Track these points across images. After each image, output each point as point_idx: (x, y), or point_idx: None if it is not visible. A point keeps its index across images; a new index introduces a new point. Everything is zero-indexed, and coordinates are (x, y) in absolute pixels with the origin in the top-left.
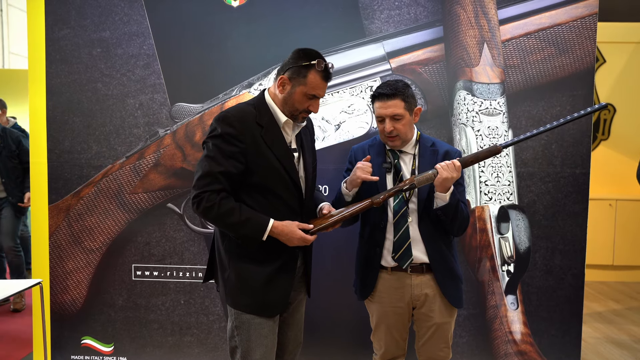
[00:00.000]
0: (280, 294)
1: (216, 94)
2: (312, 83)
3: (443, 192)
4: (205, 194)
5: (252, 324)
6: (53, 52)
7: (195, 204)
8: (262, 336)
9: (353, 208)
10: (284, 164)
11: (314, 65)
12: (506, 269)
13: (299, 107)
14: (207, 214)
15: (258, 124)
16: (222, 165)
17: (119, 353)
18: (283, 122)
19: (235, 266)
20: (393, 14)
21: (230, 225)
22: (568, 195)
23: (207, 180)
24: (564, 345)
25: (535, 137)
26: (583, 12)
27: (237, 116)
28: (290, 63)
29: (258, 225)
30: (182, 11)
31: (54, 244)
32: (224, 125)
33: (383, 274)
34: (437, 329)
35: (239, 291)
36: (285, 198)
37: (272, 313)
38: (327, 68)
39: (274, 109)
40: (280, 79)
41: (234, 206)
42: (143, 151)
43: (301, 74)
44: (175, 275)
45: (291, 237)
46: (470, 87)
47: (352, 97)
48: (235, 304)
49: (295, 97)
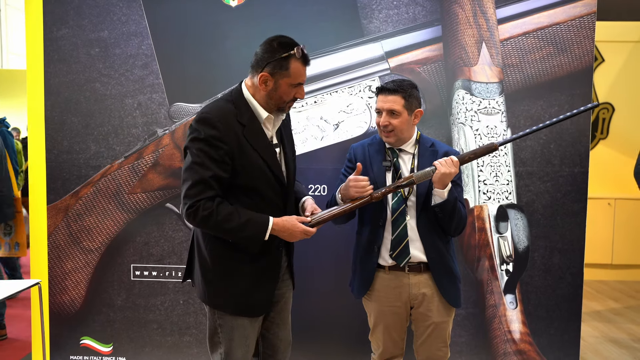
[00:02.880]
0: (264, 294)
1: (214, 93)
2: (295, 73)
3: (441, 188)
4: (200, 203)
5: (235, 325)
6: (51, 52)
7: (192, 215)
8: (244, 337)
9: (352, 203)
10: (267, 162)
11: (293, 54)
12: (505, 268)
13: (285, 99)
14: (206, 223)
15: (239, 122)
16: (211, 170)
17: (118, 353)
18: (264, 119)
19: (219, 267)
20: (391, 13)
21: (231, 230)
22: (567, 194)
23: (199, 188)
24: (563, 344)
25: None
26: (581, 11)
27: (218, 116)
28: (267, 58)
29: (259, 225)
30: (181, 11)
31: (53, 244)
32: (206, 128)
33: (381, 273)
34: (435, 328)
35: (223, 292)
36: (268, 196)
37: (257, 314)
38: (304, 52)
39: (254, 105)
40: (262, 76)
41: (232, 210)
42: (142, 151)
43: (283, 67)
44: (174, 275)
45: (293, 231)
46: (468, 86)
47: (351, 96)
48: (218, 305)
49: (281, 90)
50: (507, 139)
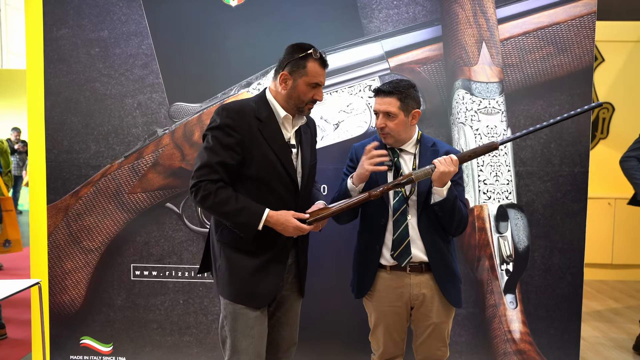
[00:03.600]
0: (268, 285)
1: (215, 93)
2: (312, 71)
3: (440, 186)
4: (203, 183)
5: (238, 314)
6: (51, 52)
7: (193, 193)
8: (248, 326)
9: (351, 200)
10: (280, 158)
11: (311, 54)
12: (505, 268)
13: (304, 99)
14: (204, 202)
15: (257, 118)
16: (219, 156)
17: (118, 353)
18: (282, 117)
19: (226, 256)
20: (391, 13)
21: (226, 213)
22: (567, 194)
23: (205, 170)
24: (563, 344)
25: (533, 136)
26: (581, 10)
27: (236, 108)
28: (287, 59)
29: (253, 214)
30: (181, 11)
31: (53, 244)
32: (222, 117)
33: (382, 273)
34: (435, 328)
35: (228, 280)
36: (279, 192)
37: (259, 304)
38: (323, 55)
39: (274, 105)
40: (282, 75)
41: (230, 195)
42: (142, 151)
43: (300, 66)
44: (174, 275)
45: (287, 226)
46: (468, 86)
47: (351, 96)
48: (223, 292)
49: (299, 89)
50: (507, 138)
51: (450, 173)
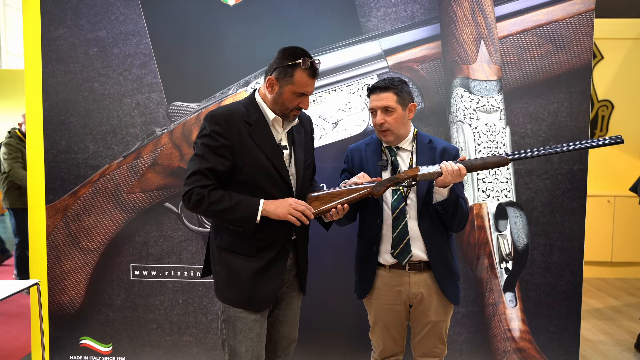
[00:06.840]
0: (267, 289)
1: (213, 92)
2: (299, 82)
3: (442, 187)
4: (194, 189)
5: (238, 317)
6: (49, 52)
7: (186, 200)
8: (247, 330)
9: (352, 195)
10: (272, 160)
11: (299, 64)
12: (504, 266)
13: (289, 106)
14: (198, 207)
15: (246, 122)
16: (209, 162)
17: (117, 353)
18: (272, 120)
19: (225, 260)
20: (390, 11)
21: (222, 211)
22: (566, 192)
23: (196, 177)
24: (563, 342)
25: (533, 134)
26: (580, 8)
27: (224, 114)
28: (276, 63)
29: (250, 206)
30: (179, 10)
31: (52, 244)
32: (211, 124)
33: (381, 271)
34: (433, 326)
35: (227, 285)
36: (273, 195)
37: (259, 308)
38: (314, 65)
39: (263, 107)
40: (269, 79)
41: (223, 194)
42: (140, 150)
43: (288, 74)
44: (174, 275)
45: (283, 203)
46: (467, 84)
47: (349, 95)
48: (223, 297)
49: (284, 96)
50: (519, 156)
51: (454, 182)
